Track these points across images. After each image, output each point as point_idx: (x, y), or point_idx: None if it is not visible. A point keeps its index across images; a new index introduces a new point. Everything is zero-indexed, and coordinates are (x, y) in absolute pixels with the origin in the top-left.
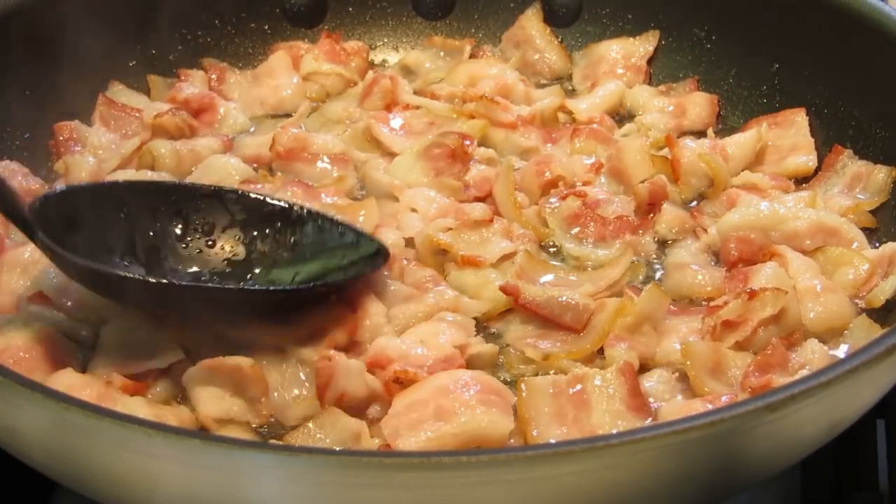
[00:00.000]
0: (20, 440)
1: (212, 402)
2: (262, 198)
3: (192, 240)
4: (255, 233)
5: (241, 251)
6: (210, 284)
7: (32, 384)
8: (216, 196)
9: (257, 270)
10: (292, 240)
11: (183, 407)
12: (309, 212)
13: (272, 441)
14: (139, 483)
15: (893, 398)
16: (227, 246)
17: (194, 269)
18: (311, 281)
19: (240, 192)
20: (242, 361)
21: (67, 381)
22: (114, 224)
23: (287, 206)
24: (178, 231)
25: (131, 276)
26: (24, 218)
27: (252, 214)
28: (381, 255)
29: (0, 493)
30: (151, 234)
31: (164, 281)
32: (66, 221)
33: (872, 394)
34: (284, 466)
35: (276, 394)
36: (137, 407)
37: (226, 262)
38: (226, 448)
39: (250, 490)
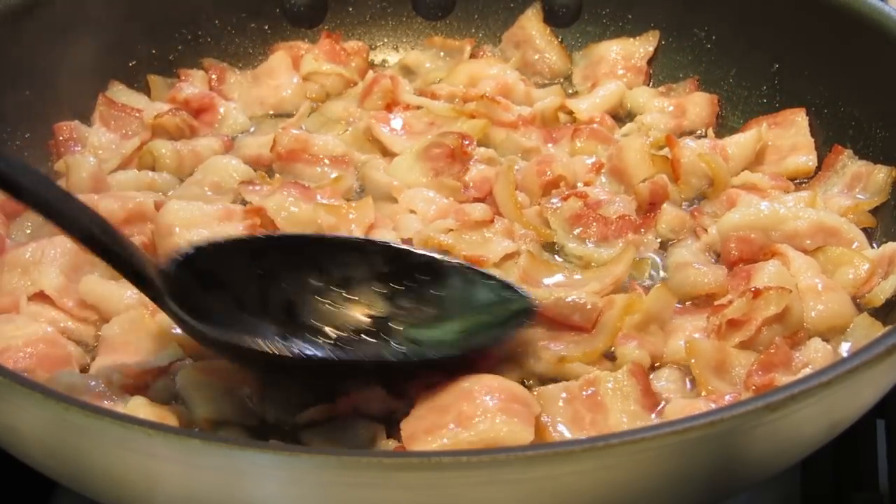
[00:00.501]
0: (20, 440)
1: (205, 403)
2: (407, 249)
3: (330, 294)
4: (398, 287)
5: (381, 306)
6: (358, 356)
7: (32, 384)
8: (358, 248)
9: (399, 328)
10: (437, 294)
11: (183, 407)
12: (457, 264)
13: (272, 441)
14: (139, 483)
15: (893, 398)
16: (368, 300)
17: (331, 325)
18: (455, 339)
19: (383, 243)
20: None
21: (67, 381)
22: (247, 280)
23: (434, 257)
24: (316, 285)
25: (270, 349)
26: (151, 282)
27: (395, 267)
28: (528, 312)
29: (0, 493)
30: (287, 289)
31: (306, 355)
32: (197, 280)
33: (873, 394)
34: (285, 467)
35: (282, 393)
36: (137, 407)
37: (365, 317)
38: (226, 448)
39: (250, 490)
